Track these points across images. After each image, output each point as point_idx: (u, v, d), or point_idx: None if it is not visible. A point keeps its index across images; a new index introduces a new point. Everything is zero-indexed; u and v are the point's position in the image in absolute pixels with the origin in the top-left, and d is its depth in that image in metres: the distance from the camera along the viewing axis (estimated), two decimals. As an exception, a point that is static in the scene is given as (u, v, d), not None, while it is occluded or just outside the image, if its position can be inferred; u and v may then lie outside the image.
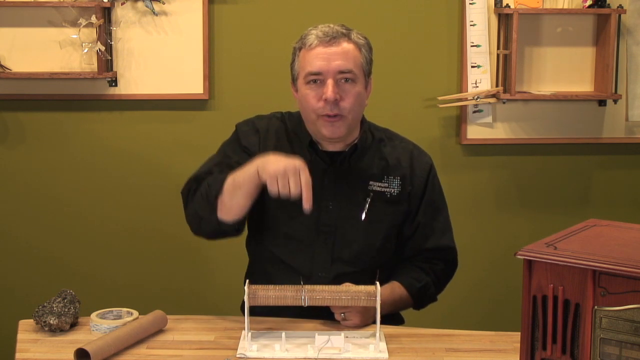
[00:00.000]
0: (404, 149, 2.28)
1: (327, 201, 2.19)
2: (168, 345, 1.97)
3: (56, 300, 2.05)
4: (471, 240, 3.45)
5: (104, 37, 3.21)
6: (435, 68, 3.40)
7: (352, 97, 2.13)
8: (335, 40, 2.12)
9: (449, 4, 3.37)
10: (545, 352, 1.53)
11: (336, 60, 2.11)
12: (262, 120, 2.29)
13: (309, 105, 2.14)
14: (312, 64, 2.12)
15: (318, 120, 2.14)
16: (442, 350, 1.95)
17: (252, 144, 2.23)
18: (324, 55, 2.11)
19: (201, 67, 3.32)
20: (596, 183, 3.54)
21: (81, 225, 3.43)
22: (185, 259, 3.49)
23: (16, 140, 3.38)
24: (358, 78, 2.15)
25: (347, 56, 2.12)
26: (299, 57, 2.18)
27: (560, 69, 3.41)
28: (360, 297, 1.95)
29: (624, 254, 1.48)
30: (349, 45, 2.14)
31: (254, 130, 2.26)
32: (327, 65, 2.11)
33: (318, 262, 2.20)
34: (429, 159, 2.31)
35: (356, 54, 2.15)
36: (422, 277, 2.24)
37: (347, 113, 2.13)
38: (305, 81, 2.14)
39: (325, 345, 1.90)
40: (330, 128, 2.14)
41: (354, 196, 2.20)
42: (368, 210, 2.19)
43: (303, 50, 2.16)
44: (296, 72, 2.19)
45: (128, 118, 3.37)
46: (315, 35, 2.14)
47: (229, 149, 2.26)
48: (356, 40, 2.16)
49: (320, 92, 2.12)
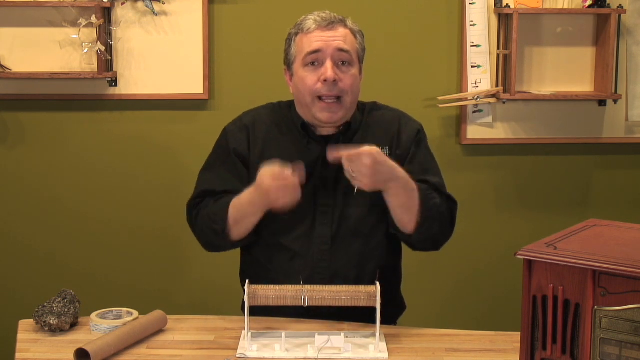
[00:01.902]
0: (392, 117, 2.28)
1: (323, 180, 2.19)
2: (168, 345, 1.97)
3: (56, 300, 2.05)
4: (471, 240, 3.45)
5: (104, 37, 3.21)
6: (435, 68, 3.40)
7: (350, 78, 2.16)
8: (332, 25, 2.17)
9: (449, 4, 3.37)
10: (545, 352, 1.53)
11: (335, 41, 2.15)
12: (249, 114, 2.31)
13: (307, 86, 2.15)
14: (311, 44, 2.15)
15: (315, 104, 2.15)
16: (442, 350, 1.95)
17: (241, 142, 2.24)
18: (323, 37, 2.16)
19: (201, 67, 3.32)
20: (596, 183, 3.54)
21: (81, 225, 3.43)
22: (186, 259, 3.49)
23: (16, 140, 3.38)
24: (354, 62, 2.18)
25: (344, 39, 2.17)
26: (295, 41, 2.20)
27: (560, 69, 3.41)
28: (360, 297, 1.95)
29: (624, 254, 1.48)
30: (346, 30, 2.19)
31: (241, 128, 2.27)
32: (325, 44, 2.15)
33: (317, 244, 2.19)
34: (418, 125, 2.29)
35: (352, 39, 2.20)
36: (425, 186, 2.16)
37: (346, 94, 2.15)
38: (303, 63, 2.16)
39: (325, 345, 1.90)
40: (327, 113, 2.16)
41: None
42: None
43: (300, 34, 2.18)
44: (292, 57, 2.21)
45: (128, 118, 3.38)
46: (313, 19, 2.18)
47: (218, 160, 2.27)
48: (352, 27, 2.22)
49: (318, 73, 2.14)
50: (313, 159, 2.19)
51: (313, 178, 2.19)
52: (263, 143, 2.24)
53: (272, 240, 2.22)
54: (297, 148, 2.22)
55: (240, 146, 2.24)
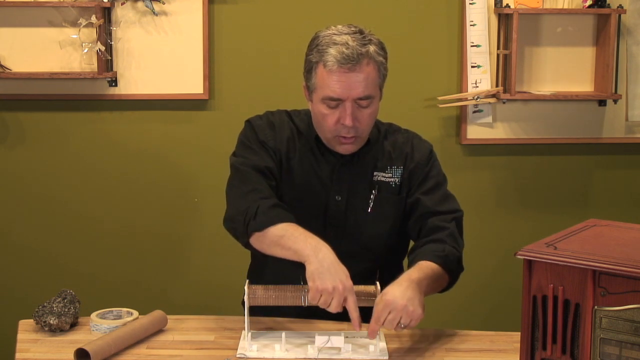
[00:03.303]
0: (405, 139, 2.29)
1: (335, 194, 2.20)
2: (168, 345, 1.97)
3: (56, 300, 2.05)
4: (471, 240, 3.43)
5: (104, 37, 3.21)
6: (435, 68, 3.40)
7: (368, 118, 2.13)
8: (355, 66, 2.07)
9: (449, 4, 3.36)
10: (545, 352, 1.53)
11: (357, 88, 2.08)
12: (274, 115, 2.28)
13: (326, 125, 2.14)
14: (332, 89, 2.08)
15: (334, 139, 2.16)
16: (442, 350, 1.95)
17: (269, 137, 2.22)
18: (345, 82, 2.07)
19: (201, 67, 3.32)
20: (596, 183, 3.53)
21: (81, 225, 3.43)
22: (185, 259, 3.49)
23: (16, 140, 3.38)
24: (375, 97, 2.14)
25: (367, 82, 2.09)
26: (316, 72, 2.11)
27: (560, 69, 3.41)
28: (360, 297, 1.95)
29: (624, 254, 1.48)
30: (369, 68, 2.09)
31: (269, 124, 2.24)
32: (347, 92, 2.07)
33: None
34: (429, 145, 2.30)
35: (375, 75, 2.11)
36: (441, 248, 2.15)
37: (362, 133, 2.15)
38: (322, 101, 2.12)
39: (325, 345, 1.90)
40: (346, 147, 2.16)
41: (361, 189, 2.21)
42: (374, 201, 2.21)
43: (321, 68, 2.09)
44: (313, 86, 2.13)
45: (128, 118, 3.37)
46: (335, 55, 2.06)
47: (250, 147, 2.20)
48: (375, 58, 2.11)
49: (337, 114, 2.10)
50: (327, 172, 2.20)
51: (325, 192, 2.20)
52: (286, 145, 2.22)
53: None
54: (314, 157, 2.22)
55: (268, 140, 2.21)
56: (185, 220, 3.47)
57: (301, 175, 2.21)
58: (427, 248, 2.13)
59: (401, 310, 1.88)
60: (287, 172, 2.21)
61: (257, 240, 2.06)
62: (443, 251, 2.12)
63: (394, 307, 1.88)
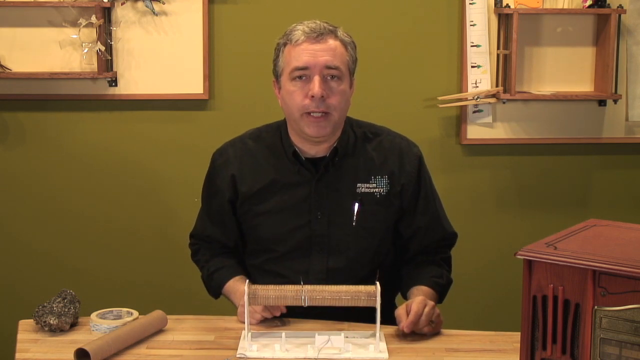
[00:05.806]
0: (391, 144, 2.23)
1: (317, 211, 2.17)
2: (168, 345, 1.97)
3: (56, 300, 2.05)
4: (471, 240, 3.45)
5: (104, 37, 3.21)
6: (435, 68, 3.40)
7: (338, 94, 2.10)
8: (322, 37, 2.09)
9: (449, 4, 3.37)
10: (545, 352, 1.53)
11: (323, 56, 2.08)
12: (235, 146, 2.26)
13: (294, 102, 2.10)
14: (299, 58, 2.08)
15: (302, 118, 2.10)
16: (442, 350, 1.95)
17: (225, 180, 2.23)
18: (311, 50, 2.08)
19: (201, 67, 3.32)
20: (596, 183, 3.54)
21: (81, 225, 3.43)
22: (186, 259, 3.46)
23: (16, 140, 3.38)
24: (344, 75, 2.12)
25: (334, 52, 2.09)
26: (283, 52, 2.13)
27: (560, 69, 3.41)
28: (360, 297, 1.95)
29: (624, 254, 1.48)
30: (336, 42, 2.11)
31: (225, 164, 2.24)
32: (314, 60, 2.07)
33: (314, 273, 2.18)
34: (417, 150, 2.25)
35: (342, 51, 2.12)
36: (439, 273, 2.21)
37: (334, 110, 2.10)
38: (291, 77, 2.10)
39: (325, 345, 1.90)
40: (315, 128, 2.10)
41: (343, 202, 2.17)
42: (358, 214, 2.16)
43: (289, 45, 2.11)
44: (280, 68, 2.14)
45: (128, 118, 3.38)
46: (302, 30, 2.10)
47: (208, 194, 2.32)
48: (342, 38, 2.13)
49: (306, 88, 2.08)
50: (306, 189, 2.17)
51: (307, 209, 2.17)
52: (252, 175, 2.21)
53: (268, 266, 2.24)
54: (288, 175, 2.18)
55: (224, 184, 2.23)
56: (185, 220, 3.46)
57: (279, 195, 2.18)
58: (426, 272, 2.20)
59: (433, 307, 2.03)
60: (261, 196, 2.19)
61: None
62: (441, 277, 2.21)
63: (428, 302, 2.02)
